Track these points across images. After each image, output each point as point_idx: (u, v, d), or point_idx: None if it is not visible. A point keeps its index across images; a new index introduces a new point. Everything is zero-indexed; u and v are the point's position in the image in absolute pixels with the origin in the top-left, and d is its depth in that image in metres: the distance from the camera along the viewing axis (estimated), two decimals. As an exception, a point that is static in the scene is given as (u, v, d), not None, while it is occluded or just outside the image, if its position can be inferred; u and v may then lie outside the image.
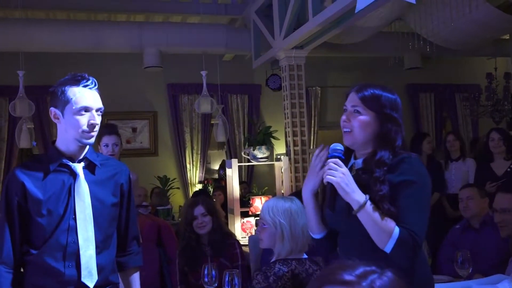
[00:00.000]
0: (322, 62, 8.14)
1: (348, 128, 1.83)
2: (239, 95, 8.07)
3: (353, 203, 1.72)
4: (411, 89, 8.87)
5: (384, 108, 1.81)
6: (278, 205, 2.44)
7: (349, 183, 1.72)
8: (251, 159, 5.61)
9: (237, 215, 5.30)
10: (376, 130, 1.81)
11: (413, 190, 1.70)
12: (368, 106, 1.81)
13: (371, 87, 1.85)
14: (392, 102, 1.84)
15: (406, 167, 1.73)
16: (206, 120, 7.85)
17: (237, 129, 8.03)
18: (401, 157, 1.76)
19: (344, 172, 1.74)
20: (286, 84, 5.82)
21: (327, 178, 1.74)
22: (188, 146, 7.79)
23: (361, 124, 1.81)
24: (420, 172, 1.75)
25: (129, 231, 2.23)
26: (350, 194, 1.71)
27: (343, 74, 8.45)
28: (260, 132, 5.55)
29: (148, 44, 6.59)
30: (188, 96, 7.84)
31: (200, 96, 6.56)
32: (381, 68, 8.13)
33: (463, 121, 8.97)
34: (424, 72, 8.35)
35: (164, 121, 7.86)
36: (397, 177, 1.72)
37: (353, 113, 1.83)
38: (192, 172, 7.77)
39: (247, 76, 8.01)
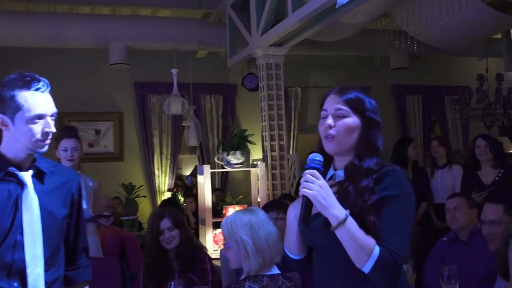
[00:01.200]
0: (302, 61, 8.17)
1: (332, 132, 1.81)
2: (212, 96, 8.05)
3: (331, 219, 1.70)
4: (397, 90, 8.96)
5: (369, 112, 1.83)
6: (236, 221, 2.43)
7: (327, 196, 1.71)
8: (225, 165, 5.59)
9: (209, 226, 5.27)
10: (361, 136, 1.81)
11: (396, 206, 1.70)
12: (354, 109, 1.82)
13: (353, 89, 1.86)
14: (374, 106, 1.86)
15: (391, 181, 1.73)
16: (176, 122, 7.81)
17: (210, 132, 8.00)
18: (385, 170, 1.76)
19: (321, 185, 1.72)
20: (264, 84, 5.82)
21: (303, 191, 1.72)
22: (157, 150, 7.74)
23: (347, 128, 1.80)
24: (405, 187, 1.75)
25: (78, 243, 2.19)
26: (328, 208, 1.70)
27: (326, 74, 8.49)
28: (235, 136, 5.53)
29: (114, 39, 6.53)
30: (157, 96, 7.79)
31: (170, 96, 6.52)
32: (366, 68, 8.19)
33: (453, 125, 9.09)
34: (412, 72, 8.44)
35: (130, 123, 7.80)
36: (380, 192, 1.72)
37: (338, 116, 1.82)
38: (161, 179, 7.72)
39: (222, 75, 7.99)
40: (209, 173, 5.38)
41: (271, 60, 5.79)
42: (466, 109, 7.55)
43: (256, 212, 2.48)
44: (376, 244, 1.66)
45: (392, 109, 8.96)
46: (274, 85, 5.82)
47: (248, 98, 7.76)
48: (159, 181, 7.72)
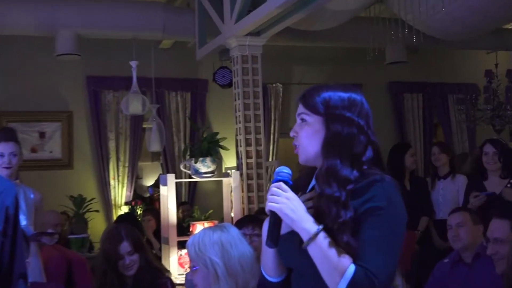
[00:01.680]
0: (284, 53, 8.20)
1: (296, 142, 1.88)
2: (179, 93, 8.03)
3: (302, 234, 1.73)
4: (394, 88, 9.05)
5: (334, 109, 1.84)
6: (204, 239, 2.44)
7: (296, 209, 1.74)
8: (192, 174, 5.58)
9: (173, 246, 5.25)
10: (324, 137, 1.84)
11: (380, 219, 1.71)
12: (311, 109, 1.86)
13: (319, 88, 1.90)
14: (345, 100, 1.87)
15: (376, 192, 1.74)
16: (136, 123, 7.78)
17: (176, 136, 7.98)
18: (371, 180, 1.76)
19: (288, 197, 1.76)
20: (238, 79, 5.83)
21: (268, 206, 1.77)
22: (113, 156, 7.70)
23: (307, 133, 1.86)
24: (393, 199, 1.75)
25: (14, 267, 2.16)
26: (297, 222, 1.73)
27: (311, 69, 8.53)
28: (205, 140, 5.53)
29: (62, 26, 6.48)
30: (114, 93, 7.75)
31: (129, 93, 6.49)
32: (357, 62, 8.25)
33: (457, 128, 9.20)
34: (410, 67, 8.52)
35: (81, 124, 7.74)
36: (364, 204, 1.73)
37: (300, 124, 1.89)
38: (117, 190, 7.68)
39: (190, 68, 7.98)
40: (174, 184, 5.37)
41: (247, 52, 5.80)
42: (472, 110, 7.64)
43: (228, 229, 2.49)
44: (353, 263, 1.67)
45: (387, 110, 9.04)
46: (251, 81, 5.83)
47: (220, 96, 7.75)
48: (115, 193, 7.67)
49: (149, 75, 7.13)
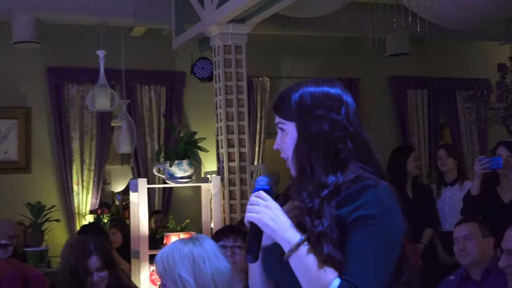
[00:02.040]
0: (272, 43, 8.20)
1: (283, 155, 1.93)
2: (152, 87, 8.02)
3: (283, 244, 1.77)
4: (395, 83, 9.09)
5: (304, 109, 1.86)
6: (174, 253, 2.43)
7: (277, 218, 1.78)
8: (167, 179, 5.57)
9: (145, 260, 5.24)
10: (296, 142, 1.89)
11: (371, 229, 1.71)
12: (285, 116, 1.90)
13: (289, 90, 1.92)
14: (316, 97, 1.87)
15: (369, 198, 1.74)
16: (103, 121, 7.77)
17: (148, 136, 7.97)
18: (363, 185, 1.76)
19: (268, 205, 1.80)
20: (220, 72, 5.83)
21: (247, 216, 1.82)
22: (77, 159, 7.68)
23: (289, 143, 1.90)
24: (387, 206, 1.75)
25: None
26: (278, 232, 1.77)
27: (302, 61, 8.55)
28: (182, 141, 5.53)
29: (19, 9, 6.46)
30: (78, 87, 7.73)
31: (96, 86, 6.46)
32: (354, 54, 8.26)
33: (467, 129, 9.26)
34: (414, 60, 8.55)
35: (41, 122, 7.72)
36: (354, 212, 1.73)
37: (281, 134, 1.93)
38: (81, 197, 7.65)
39: (165, 59, 7.97)
40: (146, 190, 5.35)
41: (230, 41, 5.81)
42: (484, 109, 7.67)
43: (202, 241, 2.48)
44: (338, 277, 1.68)
45: (388, 108, 9.07)
46: (234, 74, 5.83)
47: (199, 91, 7.75)
48: (78, 200, 7.64)
49: (119, 67, 7.09)
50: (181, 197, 7.89)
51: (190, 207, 7.54)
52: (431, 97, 9.21)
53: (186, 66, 7.50)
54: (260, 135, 8.36)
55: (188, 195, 7.73)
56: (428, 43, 8.85)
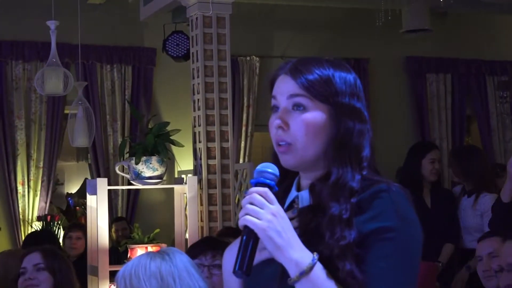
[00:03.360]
0: (262, 15, 8.21)
1: (287, 138, 1.85)
2: (115, 66, 8.01)
3: (289, 266, 1.72)
4: (412, 65, 9.10)
5: (341, 96, 1.85)
6: (138, 271, 2.44)
7: (284, 230, 1.72)
8: (132, 180, 5.58)
9: (104, 278, 5.26)
10: (332, 136, 1.85)
11: (391, 245, 1.73)
12: (315, 93, 1.84)
13: (315, 63, 1.88)
14: (352, 84, 1.89)
15: (383, 207, 1.76)
16: (55, 108, 7.76)
17: (110, 126, 7.97)
18: (374, 191, 1.78)
19: (275, 212, 1.73)
20: (198, 49, 5.82)
21: (245, 220, 1.73)
22: (22, 153, 7.66)
23: (310, 128, 1.84)
24: (405, 215, 1.78)
25: None
26: (284, 250, 1.72)
27: (300, 37, 8.55)
28: (150, 133, 5.53)
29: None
30: (24, 65, 7.72)
31: (46, 65, 6.44)
32: (363, 29, 8.30)
33: (499, 123, 9.28)
34: (435, 38, 8.57)
35: (-22, 108, 7.69)
36: (368, 223, 1.75)
37: (292, 111, 1.86)
38: (28, 199, 7.64)
39: (131, 33, 7.98)
40: (106, 192, 5.35)
41: (211, 11, 5.80)
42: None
43: (172, 256, 2.49)
44: None
45: (403, 96, 9.09)
46: (215, 52, 5.83)
47: (172, 72, 7.76)
48: (24, 204, 7.63)
49: (74, 41, 7.09)
50: (150, 201, 7.90)
51: (160, 213, 7.55)
52: (455, 83, 9.22)
53: (156, 42, 7.50)
54: (247, 127, 8.36)
55: (158, 199, 7.73)
56: (452, 17, 8.87)
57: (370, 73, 8.72)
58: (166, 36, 7.01)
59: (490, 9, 7.75)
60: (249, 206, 1.73)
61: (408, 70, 9.12)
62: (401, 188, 1.82)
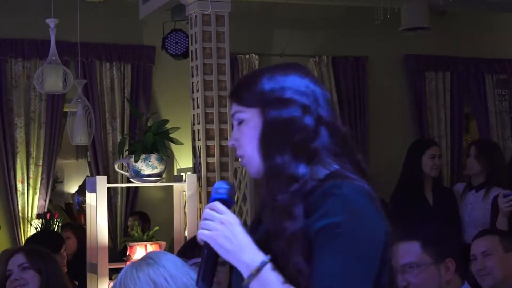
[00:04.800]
0: (262, 12, 8.21)
1: (240, 152, 1.97)
2: (115, 64, 7.98)
3: (241, 268, 1.79)
4: (411, 63, 9.08)
5: (270, 93, 1.91)
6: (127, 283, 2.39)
7: (233, 236, 1.80)
8: (131, 177, 5.59)
9: (104, 275, 5.26)
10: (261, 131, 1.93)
11: (340, 240, 1.74)
12: (246, 102, 1.95)
13: (252, 76, 2.02)
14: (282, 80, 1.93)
15: (333, 203, 1.77)
16: (54, 106, 7.74)
17: (110, 124, 7.95)
18: (328, 187, 1.81)
19: (224, 220, 1.82)
20: (198, 47, 5.83)
21: (199, 234, 1.84)
22: (21, 151, 7.64)
23: (248, 134, 1.94)
24: (355, 210, 1.78)
25: None
26: (234, 253, 1.80)
27: (298, 35, 8.54)
28: (150, 130, 5.55)
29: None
30: (24, 62, 7.69)
31: (45, 63, 6.46)
32: (362, 27, 8.30)
33: (498, 121, 9.25)
34: (434, 36, 8.56)
35: (-22, 106, 7.70)
36: (317, 222, 1.76)
37: (238, 127, 1.97)
38: (27, 197, 7.63)
39: (130, 31, 7.96)
40: (106, 190, 5.36)
41: (210, 9, 5.80)
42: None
43: (157, 259, 2.43)
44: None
45: (402, 94, 9.07)
46: (214, 50, 5.83)
47: (171, 70, 7.75)
48: (23, 202, 7.61)
49: (74, 39, 7.09)
50: (149, 199, 7.88)
51: (159, 211, 7.53)
52: (454, 81, 9.19)
53: (156, 40, 7.49)
54: (246, 124, 8.36)
55: (157, 197, 7.72)
56: (451, 15, 8.86)
57: (368, 71, 8.70)
58: (165, 34, 7.01)
59: (489, 7, 7.75)
60: (202, 222, 1.85)
61: (407, 68, 9.09)
62: (361, 185, 1.83)
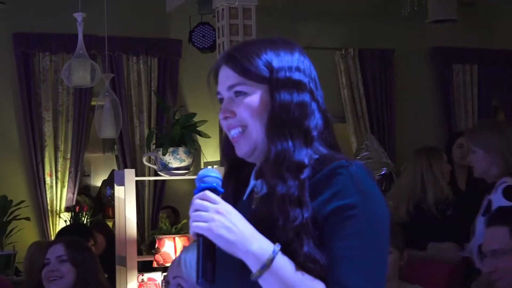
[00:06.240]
0: (288, 6, 8.20)
1: (236, 123, 1.87)
2: (142, 58, 8.02)
3: (248, 260, 1.69)
4: (438, 56, 9.07)
5: (277, 72, 1.86)
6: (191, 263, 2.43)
7: (233, 225, 1.69)
8: (159, 171, 5.60)
9: (133, 268, 5.26)
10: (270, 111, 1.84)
11: (355, 222, 1.70)
12: (252, 75, 1.86)
13: (249, 45, 1.93)
14: (290, 58, 1.90)
15: (344, 183, 1.73)
16: (82, 99, 7.79)
17: (137, 118, 7.99)
18: (333, 166, 1.76)
19: (220, 210, 1.71)
20: (224, 40, 5.84)
21: (193, 227, 1.73)
22: (50, 144, 7.69)
23: (253, 109, 1.85)
24: (367, 190, 1.75)
25: None
26: (239, 244, 1.69)
27: (325, 28, 8.54)
28: (177, 124, 5.56)
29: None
30: (51, 57, 7.73)
31: (73, 57, 6.49)
32: (388, 20, 8.29)
33: (525, 112, 9.25)
34: (462, 28, 8.53)
35: (6, 100, 7.75)
36: (327, 203, 1.72)
37: (234, 98, 1.88)
38: (56, 190, 7.68)
39: (157, 25, 7.99)
40: (134, 183, 5.38)
41: (236, 2, 5.81)
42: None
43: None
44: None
45: (429, 87, 9.06)
46: (242, 43, 5.85)
47: (198, 63, 7.70)
48: (52, 195, 7.65)
49: (101, 33, 7.12)
50: (176, 192, 7.91)
51: (187, 204, 7.48)
52: (482, 73, 9.17)
53: (182, 33, 7.52)
54: (273, 117, 8.36)
55: (184, 189, 7.71)
56: (479, 6, 8.83)
57: (395, 64, 8.70)
58: (192, 27, 7.03)
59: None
60: (194, 213, 1.74)
61: (434, 60, 9.08)
62: (363, 164, 1.79)
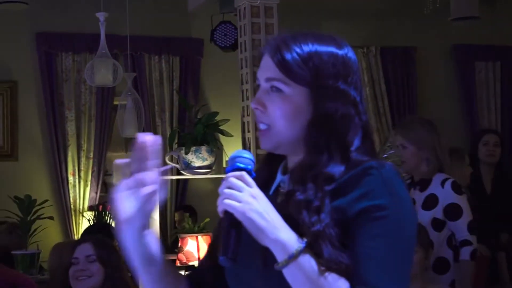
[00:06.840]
0: (309, 4, 8.19)
1: (265, 119, 1.83)
2: (163, 57, 8.04)
3: (275, 248, 1.67)
4: (460, 53, 9.03)
5: (325, 78, 1.80)
6: None
7: (266, 212, 1.67)
8: (182, 170, 5.61)
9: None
10: (310, 120, 1.80)
11: (384, 224, 1.69)
12: (294, 76, 1.80)
13: (298, 39, 1.84)
14: (338, 63, 1.82)
15: (374, 184, 1.72)
16: (104, 99, 7.82)
17: (159, 117, 8.01)
18: (365, 167, 1.74)
19: (254, 195, 1.68)
20: (247, 39, 5.83)
21: (224, 204, 1.67)
22: (72, 144, 7.72)
23: (286, 111, 1.81)
24: (397, 192, 1.73)
25: None
26: (268, 231, 1.66)
27: (346, 26, 8.51)
28: (199, 123, 5.56)
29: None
30: (74, 56, 7.76)
31: (95, 56, 6.50)
32: (410, 18, 8.26)
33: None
34: (484, 25, 8.47)
35: (29, 99, 7.77)
36: (357, 203, 1.71)
37: (269, 91, 1.83)
38: (79, 190, 7.71)
39: (179, 24, 8.00)
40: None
41: (258, 1, 5.81)
42: None
43: None
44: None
45: (451, 85, 9.02)
46: (263, 42, 5.83)
47: (220, 62, 7.76)
48: (75, 194, 7.69)
49: (123, 33, 7.12)
50: (199, 191, 7.92)
51: (210, 203, 7.47)
52: (505, 70, 9.14)
53: (204, 32, 7.51)
54: (294, 116, 8.35)
55: (207, 188, 7.73)
56: (501, 4, 8.78)
57: (417, 62, 8.67)
58: (213, 26, 7.02)
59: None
60: (227, 191, 1.68)
61: (456, 58, 9.04)
62: (393, 166, 1.76)
